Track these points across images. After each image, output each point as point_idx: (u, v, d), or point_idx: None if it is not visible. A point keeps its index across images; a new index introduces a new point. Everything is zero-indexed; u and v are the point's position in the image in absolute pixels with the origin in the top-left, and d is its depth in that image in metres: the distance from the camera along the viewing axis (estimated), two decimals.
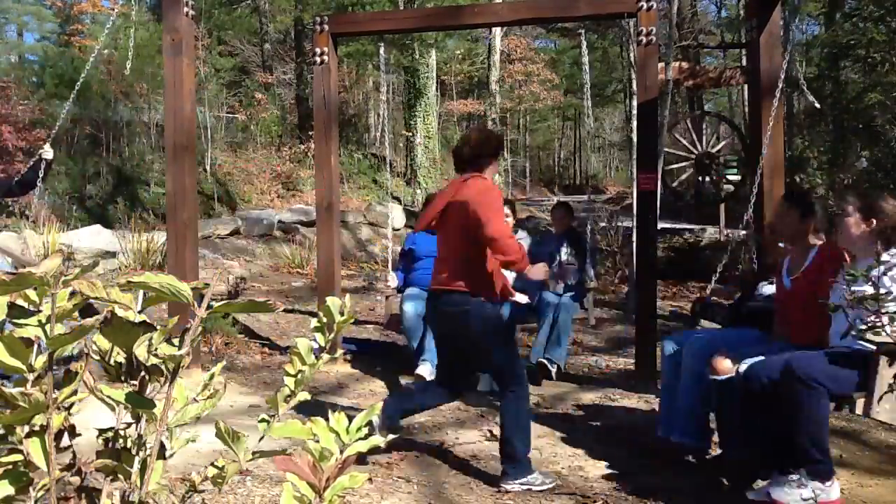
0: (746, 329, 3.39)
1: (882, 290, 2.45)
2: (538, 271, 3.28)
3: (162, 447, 1.12)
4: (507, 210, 5.09)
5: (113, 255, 7.59)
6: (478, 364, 3.39)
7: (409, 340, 4.85)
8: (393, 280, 5.06)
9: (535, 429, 3.82)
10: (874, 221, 2.85)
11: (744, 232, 5.10)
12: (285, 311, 6.69)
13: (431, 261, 4.63)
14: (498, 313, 3.29)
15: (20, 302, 0.99)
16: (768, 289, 3.62)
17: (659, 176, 6.93)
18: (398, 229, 12.35)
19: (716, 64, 19.75)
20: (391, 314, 5.07)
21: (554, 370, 4.68)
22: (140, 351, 1.10)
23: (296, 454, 1.04)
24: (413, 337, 4.83)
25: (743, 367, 2.88)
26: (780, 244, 3.47)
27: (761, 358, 2.85)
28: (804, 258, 3.18)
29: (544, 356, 4.71)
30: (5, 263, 4.24)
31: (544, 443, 3.59)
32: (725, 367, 2.97)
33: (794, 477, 2.64)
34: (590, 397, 4.43)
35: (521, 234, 5.34)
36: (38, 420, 1.00)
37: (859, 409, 2.61)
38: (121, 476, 1.11)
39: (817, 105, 5.20)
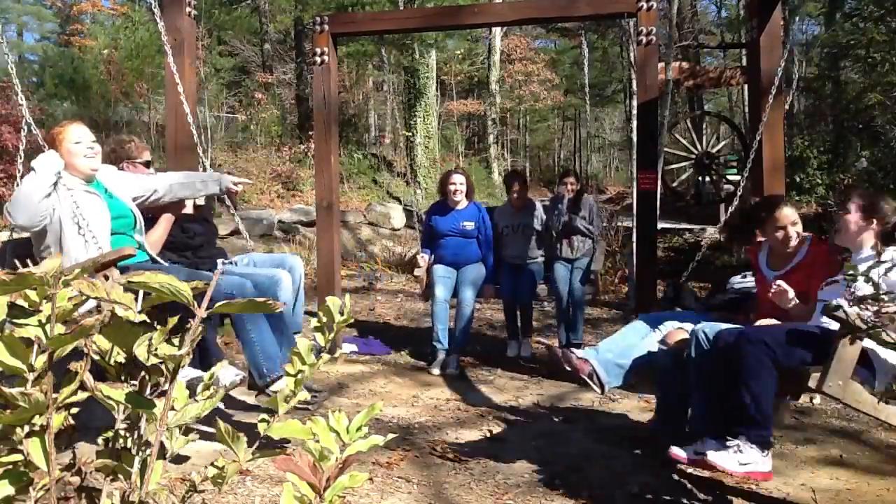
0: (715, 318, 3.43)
1: (882, 290, 2.46)
2: None
3: (162, 447, 1.12)
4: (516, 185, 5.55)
5: None
6: None
7: (433, 322, 5.10)
8: (424, 260, 5.39)
9: (535, 429, 3.84)
10: (874, 221, 2.89)
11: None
12: None
13: (452, 240, 5.30)
14: None
15: (20, 302, 0.99)
16: (740, 282, 3.68)
17: (659, 176, 6.92)
18: (398, 229, 12.35)
19: (716, 64, 19.77)
20: (426, 286, 5.37)
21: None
22: (140, 351, 1.11)
23: (296, 454, 1.04)
24: (436, 321, 5.06)
25: (706, 327, 2.97)
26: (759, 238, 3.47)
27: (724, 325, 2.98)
28: (790, 253, 3.22)
29: (571, 341, 5.22)
30: None
31: (544, 443, 3.59)
32: (679, 336, 3.17)
33: (733, 443, 2.72)
34: (590, 397, 4.43)
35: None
36: (38, 420, 1.00)
37: (812, 383, 2.63)
38: (121, 476, 1.11)
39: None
